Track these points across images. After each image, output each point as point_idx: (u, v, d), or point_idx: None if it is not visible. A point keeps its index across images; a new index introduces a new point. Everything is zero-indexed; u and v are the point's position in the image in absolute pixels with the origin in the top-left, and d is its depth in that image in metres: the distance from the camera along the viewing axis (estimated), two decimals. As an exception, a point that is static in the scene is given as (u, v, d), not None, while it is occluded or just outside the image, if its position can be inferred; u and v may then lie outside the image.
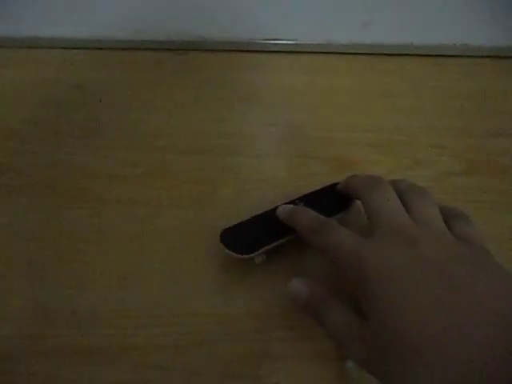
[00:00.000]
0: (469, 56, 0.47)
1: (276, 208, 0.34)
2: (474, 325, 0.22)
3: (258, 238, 0.33)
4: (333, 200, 0.35)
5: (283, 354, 0.32)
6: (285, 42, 0.46)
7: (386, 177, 0.38)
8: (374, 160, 0.40)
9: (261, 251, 0.33)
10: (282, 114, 0.43)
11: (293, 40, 0.46)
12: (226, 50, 0.47)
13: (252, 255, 0.33)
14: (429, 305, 0.23)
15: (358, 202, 0.33)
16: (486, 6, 0.49)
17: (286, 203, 0.34)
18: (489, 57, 0.46)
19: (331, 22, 0.47)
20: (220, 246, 0.33)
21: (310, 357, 0.32)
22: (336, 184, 0.35)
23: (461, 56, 0.47)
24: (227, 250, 0.32)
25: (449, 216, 0.30)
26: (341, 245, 0.28)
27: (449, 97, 0.44)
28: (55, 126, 0.42)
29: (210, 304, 0.33)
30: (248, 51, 0.47)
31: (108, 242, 0.36)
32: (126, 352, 0.31)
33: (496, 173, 0.40)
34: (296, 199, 0.35)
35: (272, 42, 0.46)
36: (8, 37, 0.46)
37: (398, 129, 0.42)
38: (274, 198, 0.36)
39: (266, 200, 0.36)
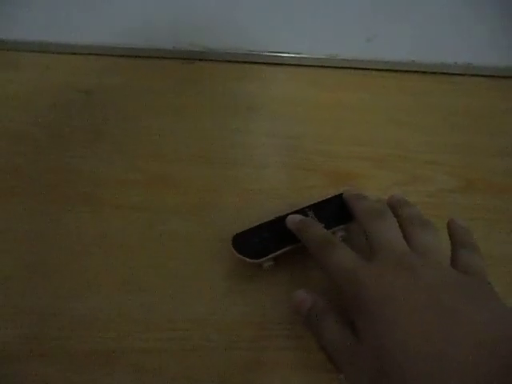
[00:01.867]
0: (469, 75, 0.47)
1: (286, 215, 0.35)
2: (463, 356, 0.23)
3: (268, 243, 0.34)
4: (342, 210, 0.36)
5: (279, 363, 0.32)
6: (289, 55, 0.47)
7: (384, 191, 0.39)
8: (372, 174, 0.41)
9: (270, 257, 0.34)
10: (283, 125, 0.44)
11: (297, 53, 0.47)
12: (230, 61, 0.48)
13: (261, 260, 0.34)
14: (420, 332, 0.24)
15: None
16: (488, 26, 0.49)
17: (295, 211, 0.35)
18: (489, 76, 0.47)
19: (335, 37, 0.48)
20: (226, 251, 0.34)
21: (305, 367, 0.32)
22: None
23: (462, 74, 0.47)
24: (238, 254, 0.33)
25: (457, 243, 0.31)
26: (341, 265, 0.29)
27: (448, 114, 0.45)
28: (62, 130, 0.43)
29: (209, 311, 0.34)
30: (252, 63, 0.48)
31: (110, 246, 0.36)
32: (125, 356, 0.32)
33: (492, 191, 0.40)
34: (305, 207, 0.35)
35: (276, 54, 0.47)
36: (19, 41, 0.47)
37: (397, 144, 0.43)
38: (274, 209, 0.36)
39: (267, 210, 0.37)
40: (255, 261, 0.33)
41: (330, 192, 0.37)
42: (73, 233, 0.37)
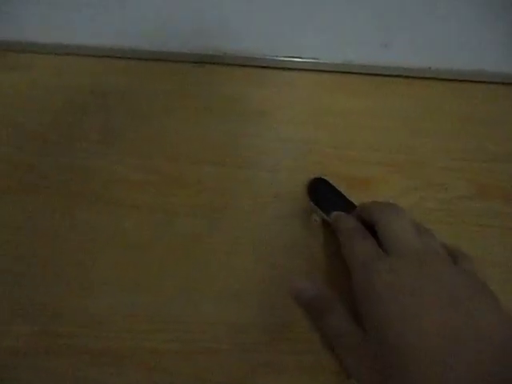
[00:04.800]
0: (484, 82, 0.47)
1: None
2: (474, 355, 0.23)
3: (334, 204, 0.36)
4: None
5: (290, 366, 0.32)
6: (304, 60, 0.47)
7: (399, 197, 0.39)
8: (387, 179, 0.41)
9: (324, 213, 0.36)
10: (297, 130, 0.44)
11: (312, 58, 0.47)
12: (243, 65, 0.48)
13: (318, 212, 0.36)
14: (433, 328, 0.24)
15: None
16: (504, 33, 0.49)
17: None
18: (504, 84, 0.47)
19: (351, 43, 0.48)
20: (238, 253, 0.35)
21: (316, 371, 0.32)
22: None
23: (476, 81, 0.47)
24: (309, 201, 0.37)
25: (453, 254, 0.31)
26: (358, 254, 0.29)
27: (464, 121, 0.44)
28: (74, 130, 0.43)
29: (221, 313, 0.34)
30: (266, 67, 0.48)
31: (122, 246, 0.37)
32: (135, 355, 0.32)
33: (507, 198, 0.40)
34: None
35: (291, 59, 0.47)
36: (32, 43, 0.48)
37: (412, 150, 0.42)
38: (287, 213, 0.36)
39: (280, 214, 0.37)
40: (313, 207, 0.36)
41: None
42: (86, 232, 0.37)
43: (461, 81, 0.47)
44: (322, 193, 0.37)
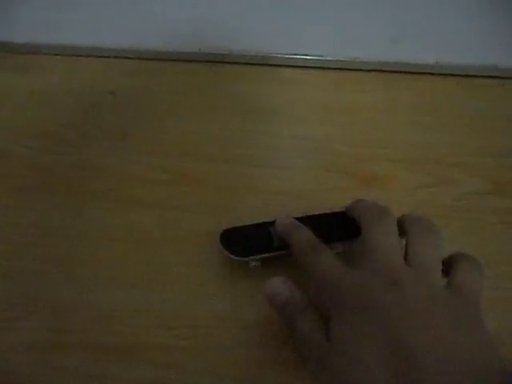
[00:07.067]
0: (497, 77, 0.46)
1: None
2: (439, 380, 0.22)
3: (257, 244, 0.33)
4: (341, 226, 0.33)
5: (298, 362, 0.31)
6: (312, 57, 0.47)
7: (410, 193, 0.38)
8: (398, 176, 0.40)
9: (257, 257, 0.33)
10: (307, 127, 0.43)
11: (320, 56, 0.47)
12: (253, 64, 0.48)
13: (246, 259, 0.33)
14: (394, 352, 0.23)
15: None
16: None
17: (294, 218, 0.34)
18: (516, 79, 0.46)
19: (358, 39, 0.48)
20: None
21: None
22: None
23: (489, 77, 0.46)
24: (224, 250, 0.33)
25: (456, 259, 0.29)
26: (325, 271, 0.28)
27: (475, 116, 0.44)
28: (88, 129, 0.43)
29: (229, 308, 0.34)
30: (275, 65, 0.48)
31: (132, 242, 0.37)
32: (143, 351, 0.32)
33: (523, 194, 0.39)
34: (304, 217, 0.34)
35: (300, 57, 0.47)
36: (50, 44, 0.48)
37: (423, 146, 0.42)
38: (296, 210, 0.36)
39: (288, 211, 0.37)
40: (238, 259, 0.33)
41: (354, 194, 0.37)
42: (97, 229, 0.37)
43: (472, 76, 0.46)
44: (236, 240, 0.34)
